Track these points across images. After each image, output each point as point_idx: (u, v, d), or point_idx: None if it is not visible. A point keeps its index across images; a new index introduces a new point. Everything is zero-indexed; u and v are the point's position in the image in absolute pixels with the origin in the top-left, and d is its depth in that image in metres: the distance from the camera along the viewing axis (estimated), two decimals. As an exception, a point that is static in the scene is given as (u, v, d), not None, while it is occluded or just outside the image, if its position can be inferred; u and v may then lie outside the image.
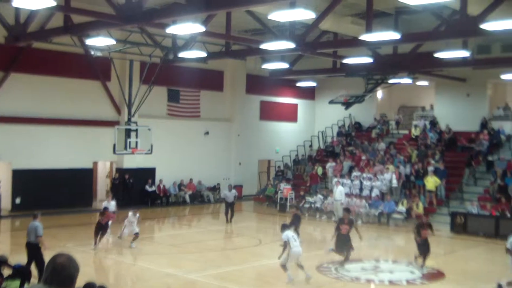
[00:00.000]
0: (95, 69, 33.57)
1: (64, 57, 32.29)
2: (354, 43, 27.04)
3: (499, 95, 42.43)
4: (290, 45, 25.78)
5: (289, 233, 18.20)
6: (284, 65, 34.17)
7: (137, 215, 24.03)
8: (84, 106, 33.87)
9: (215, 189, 39.99)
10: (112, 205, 25.75)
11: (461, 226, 29.91)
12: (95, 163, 36.18)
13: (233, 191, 31.50)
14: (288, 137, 44.75)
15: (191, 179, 38.78)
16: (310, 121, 46.71)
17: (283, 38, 25.97)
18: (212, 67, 37.38)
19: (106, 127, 33.49)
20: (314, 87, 45.61)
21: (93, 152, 34.46)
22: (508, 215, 29.77)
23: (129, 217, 23.94)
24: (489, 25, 21.32)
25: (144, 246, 23.06)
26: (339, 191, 32.98)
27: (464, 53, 28.84)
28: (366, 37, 23.69)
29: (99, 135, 33.87)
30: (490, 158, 35.89)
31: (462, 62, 31.99)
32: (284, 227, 18.64)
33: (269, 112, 44.20)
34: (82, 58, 32.50)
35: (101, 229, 22.98)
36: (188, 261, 18.67)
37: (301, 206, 35.02)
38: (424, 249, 21.03)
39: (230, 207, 30.83)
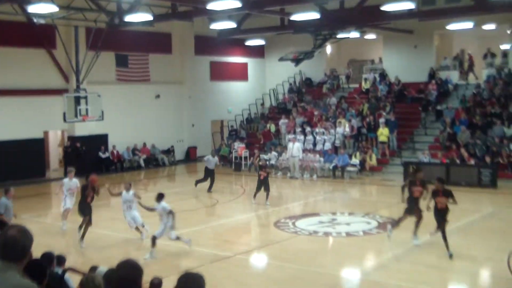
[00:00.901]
0: (39, 37, 32.80)
1: (6, 26, 31.53)
2: (301, 0, 26.93)
3: (445, 45, 42.89)
4: (237, 4, 25.57)
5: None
6: (232, 25, 33.94)
7: (131, 192, 19.39)
8: (31, 75, 33.12)
9: (169, 151, 39.82)
10: (74, 182, 21.59)
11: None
12: (46, 133, 35.57)
13: (216, 157, 30.93)
14: (239, 96, 44.69)
15: (144, 143, 38.54)
16: (261, 79, 46.67)
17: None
18: (159, 29, 36.91)
19: (54, 95, 32.82)
20: (263, 45, 45.51)
21: (43, 122, 33.84)
22: (458, 161, 30.28)
23: (123, 196, 19.42)
24: (433, -25, 21.44)
25: (101, 213, 22.86)
26: (296, 148, 33.14)
27: (410, 5, 28.92)
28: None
29: (48, 104, 33.24)
30: (439, 107, 36.35)
31: (408, 14, 32.12)
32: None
33: (220, 73, 44.01)
34: (25, 26, 31.68)
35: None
36: (146, 225, 18.60)
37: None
38: (411, 209, 18.47)
39: (211, 174, 29.33)
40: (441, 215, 16.38)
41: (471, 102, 35.51)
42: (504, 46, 41.75)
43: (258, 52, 46.18)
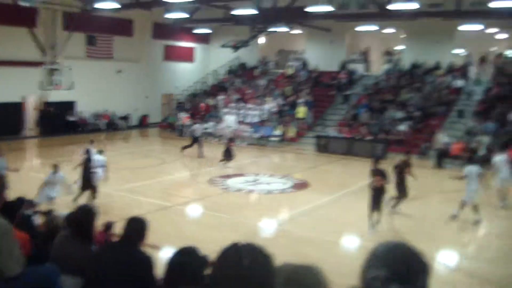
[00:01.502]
0: (23, 17, 31.87)
1: (-5, 6, 30.69)
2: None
3: (354, 42, 43.45)
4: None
5: None
6: (184, 15, 33.73)
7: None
8: (13, 49, 32.18)
9: (126, 118, 39.54)
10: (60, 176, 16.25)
11: (324, 146, 30.87)
12: (24, 98, 34.80)
13: (201, 125, 30.40)
14: (187, 75, 44.49)
15: (106, 110, 38.12)
16: (205, 61, 46.42)
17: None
18: (123, 16, 36.35)
19: (33, 67, 31.99)
20: (209, 33, 45.22)
21: (22, 89, 32.98)
22: (358, 137, 30.90)
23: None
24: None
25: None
26: (231, 120, 33.32)
27: (329, 8, 29.24)
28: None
29: (28, 74, 32.29)
30: (346, 92, 36.88)
31: (327, 15, 32.49)
32: None
33: (172, 54, 43.62)
34: (11, 7, 30.77)
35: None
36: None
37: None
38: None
39: (196, 140, 28.38)
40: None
41: (372, 90, 36.18)
42: (400, 47, 42.63)
43: (204, 39, 45.85)
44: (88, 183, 16.30)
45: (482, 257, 13.55)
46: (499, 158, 18.79)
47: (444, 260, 12.84)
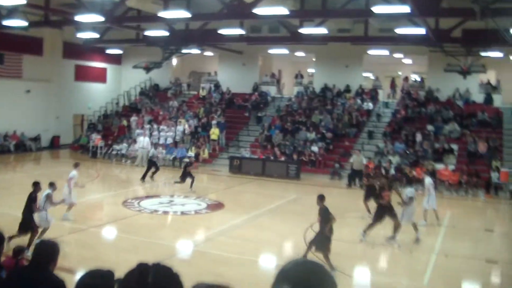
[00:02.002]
0: None
1: None
2: (153, 19, 26.77)
3: (267, 65, 44.19)
4: (100, 18, 25.16)
5: None
6: (95, 35, 33.26)
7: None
8: None
9: (36, 139, 38.23)
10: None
11: (237, 167, 31.04)
12: None
13: (156, 150, 29.93)
14: (98, 95, 43.59)
15: (15, 131, 36.70)
16: (117, 82, 45.74)
17: (94, 12, 25.23)
18: (33, 34, 35.28)
19: None
20: (120, 54, 44.68)
21: None
22: (272, 158, 31.29)
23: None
24: (260, 10, 22.14)
25: None
26: (146, 141, 32.94)
27: (241, 31, 29.64)
28: (163, 14, 23.72)
29: None
30: (259, 114, 37.33)
31: (239, 38, 32.92)
32: None
33: (83, 75, 42.69)
34: None
35: None
36: (15, 201, 17.83)
37: (110, 152, 34.71)
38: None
39: (153, 164, 27.71)
40: None
41: (284, 112, 36.79)
42: (310, 70, 43.69)
43: (116, 59, 45.25)
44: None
45: (393, 272, 14.02)
46: (428, 180, 19.88)
47: (361, 277, 13.15)
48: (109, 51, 42.98)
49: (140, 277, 2.46)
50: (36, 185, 14.38)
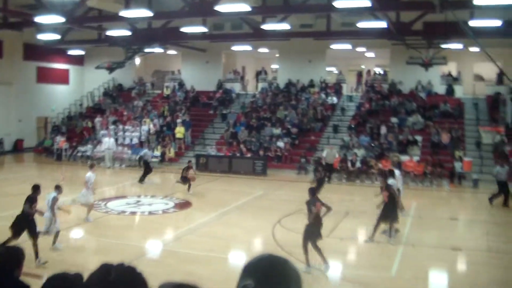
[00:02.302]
0: None
1: None
2: (115, 19, 26.53)
3: (230, 62, 44.18)
4: (61, 19, 24.83)
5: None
6: (56, 36, 32.81)
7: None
8: None
9: (-2, 144, 37.69)
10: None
11: (204, 165, 31.00)
12: None
13: (151, 151, 29.96)
14: (62, 97, 42.97)
15: (-25, 136, 36.14)
16: (80, 83, 45.16)
17: (54, 13, 24.88)
18: (-9, 37, 34.86)
19: None
20: (82, 55, 44.12)
21: None
22: (238, 155, 31.31)
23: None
24: (222, 8, 22.11)
25: None
26: (111, 142, 32.71)
27: (203, 29, 29.54)
28: (125, 13, 23.54)
29: None
30: (224, 111, 37.30)
31: (202, 36, 32.81)
32: None
33: (45, 76, 41.99)
34: None
35: None
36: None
37: (75, 154, 34.32)
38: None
39: (148, 165, 27.76)
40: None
41: (249, 108, 36.83)
42: (274, 66, 43.83)
43: (78, 60, 44.66)
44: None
45: (361, 264, 14.16)
46: (398, 172, 19.97)
47: (329, 270, 13.22)
48: (71, 52, 42.38)
49: (102, 277, 2.45)
50: (36, 188, 14.05)
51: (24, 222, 13.51)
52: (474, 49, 32.12)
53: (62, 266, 12.31)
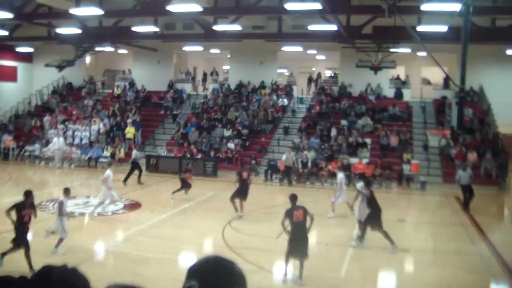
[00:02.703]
0: None
1: None
2: (65, 16, 26.08)
3: (182, 62, 44.02)
4: (9, 15, 24.36)
5: None
6: (4, 32, 32.14)
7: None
8: None
9: None
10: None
11: (154, 166, 30.82)
12: None
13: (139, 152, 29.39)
14: (9, 95, 41.98)
15: None
16: (29, 81, 44.23)
17: (2, 9, 24.34)
18: None
19: None
20: (31, 52, 43.26)
21: None
22: (188, 155, 31.19)
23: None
24: (173, 7, 22.04)
25: None
26: (61, 142, 32.23)
27: (155, 28, 29.36)
28: (75, 11, 23.21)
29: None
30: (175, 112, 37.14)
31: (154, 35, 32.64)
32: None
33: (-8, 74, 41.18)
34: None
35: None
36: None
37: (22, 154, 33.59)
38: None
39: (137, 165, 27.50)
40: None
41: (200, 109, 36.75)
42: (226, 67, 43.87)
43: (27, 57, 43.76)
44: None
45: (311, 265, 14.29)
46: (340, 176, 20.70)
47: (280, 272, 13.30)
48: (19, 49, 41.55)
49: (42, 279, 2.43)
50: (28, 194, 13.57)
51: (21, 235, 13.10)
52: (422, 53, 32.85)
53: (6, 269, 12.11)
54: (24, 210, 13.24)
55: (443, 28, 24.59)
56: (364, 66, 30.11)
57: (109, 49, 37.29)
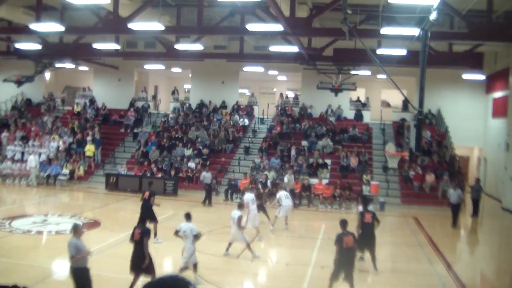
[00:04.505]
0: None
1: None
2: (25, 31, 25.78)
3: (142, 80, 43.93)
4: (-34, 29, 24.04)
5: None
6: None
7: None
8: None
9: None
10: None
11: (114, 184, 30.53)
12: None
13: (209, 173, 29.09)
14: (-36, 110, 41.25)
15: None
16: (-15, 97, 43.53)
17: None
18: None
19: None
20: (-11, 67, 42.57)
21: None
22: (149, 174, 30.98)
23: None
24: (135, 25, 21.99)
25: None
26: (36, 159, 31.64)
27: (116, 46, 29.28)
28: (35, 26, 22.94)
29: None
30: (135, 130, 36.91)
31: (115, 53, 32.56)
32: None
33: None
34: None
35: None
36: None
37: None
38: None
39: (209, 188, 27.63)
40: None
41: (161, 128, 36.59)
42: (187, 85, 43.90)
43: (-17, 72, 43.06)
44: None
45: (271, 286, 14.32)
46: (279, 194, 21.58)
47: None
48: (-24, 65, 40.86)
49: None
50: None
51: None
52: (381, 76, 33.46)
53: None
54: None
55: (402, 52, 25.11)
56: (325, 88, 30.44)
57: (69, 65, 36.93)
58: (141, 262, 12.65)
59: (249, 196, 19.86)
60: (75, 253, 11.86)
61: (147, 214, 18.72)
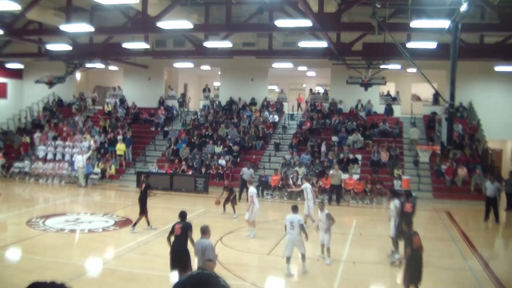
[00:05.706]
0: None
1: None
2: (56, 32, 26.04)
3: (172, 79, 44.10)
4: (-1, 31, 24.37)
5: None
6: (-6, 49, 32.16)
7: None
8: None
9: None
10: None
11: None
12: None
13: (251, 169, 29.15)
14: (-2, 112, 41.93)
15: None
16: (19, 97, 44.03)
17: (-9, 25, 24.36)
18: None
19: None
20: (22, 68, 43.12)
21: None
22: (179, 172, 31.14)
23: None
24: (164, 24, 22.06)
25: None
26: (84, 159, 32.01)
27: (145, 45, 29.42)
28: (66, 27, 23.15)
29: None
30: (166, 128, 37.13)
31: (144, 52, 32.75)
32: None
33: (-20, 90, 41.02)
34: None
35: None
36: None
37: (11, 172, 33.44)
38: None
39: (245, 183, 27.07)
40: None
41: (191, 126, 36.75)
42: (216, 83, 43.97)
43: (17, 74, 43.60)
44: None
45: (302, 282, 14.28)
46: (309, 188, 21.07)
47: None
48: (9, 65, 41.42)
49: None
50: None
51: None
52: (411, 70, 33.08)
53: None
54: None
55: (432, 45, 24.78)
56: (354, 82, 30.22)
57: (99, 65, 37.21)
58: (183, 257, 12.53)
59: (253, 190, 20.12)
60: (213, 256, 11.12)
61: (140, 204, 19.86)
